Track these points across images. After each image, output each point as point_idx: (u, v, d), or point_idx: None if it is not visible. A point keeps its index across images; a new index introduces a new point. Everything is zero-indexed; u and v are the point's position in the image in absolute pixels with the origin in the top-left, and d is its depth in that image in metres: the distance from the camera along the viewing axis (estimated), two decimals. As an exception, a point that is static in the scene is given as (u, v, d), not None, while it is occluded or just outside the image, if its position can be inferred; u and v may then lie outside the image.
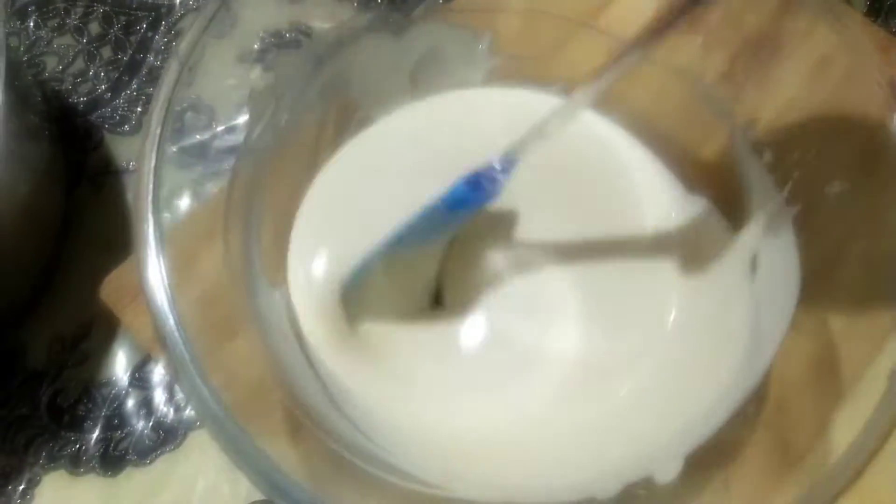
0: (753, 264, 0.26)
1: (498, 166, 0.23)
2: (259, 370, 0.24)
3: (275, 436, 0.21)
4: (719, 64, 0.30)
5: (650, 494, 0.21)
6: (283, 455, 0.19)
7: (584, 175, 0.29)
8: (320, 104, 0.28)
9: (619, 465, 0.22)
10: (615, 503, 0.21)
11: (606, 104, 0.31)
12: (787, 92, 0.29)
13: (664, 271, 0.27)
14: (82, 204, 0.33)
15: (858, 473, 0.19)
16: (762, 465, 0.24)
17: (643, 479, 0.22)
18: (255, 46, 0.30)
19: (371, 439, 0.22)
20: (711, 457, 0.23)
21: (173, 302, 0.20)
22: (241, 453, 0.18)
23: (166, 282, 0.20)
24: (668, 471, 0.21)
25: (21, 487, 0.28)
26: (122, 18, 0.37)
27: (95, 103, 0.35)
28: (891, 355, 0.22)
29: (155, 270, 0.20)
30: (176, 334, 0.20)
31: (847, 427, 0.21)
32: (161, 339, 0.20)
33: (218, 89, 0.28)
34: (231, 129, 0.28)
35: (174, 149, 0.26)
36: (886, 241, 0.26)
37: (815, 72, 0.28)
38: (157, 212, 0.20)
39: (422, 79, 0.28)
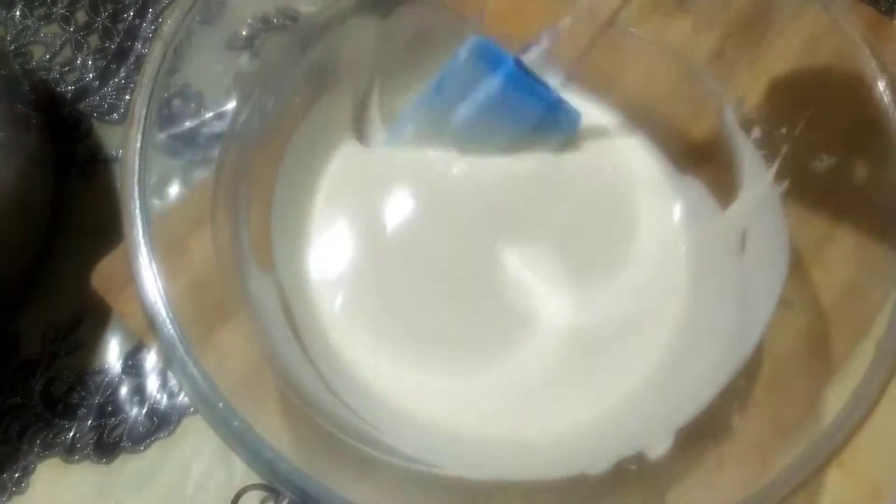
0: (743, 241, 0.26)
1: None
2: (251, 354, 0.24)
3: (268, 418, 0.21)
4: (710, 43, 0.30)
5: (641, 469, 0.21)
6: (277, 437, 0.20)
7: (576, 158, 0.29)
8: (307, 87, 0.27)
9: (610, 441, 0.22)
10: (606, 478, 0.21)
11: (598, 84, 0.31)
12: (777, 70, 0.29)
13: (655, 250, 0.27)
14: (72, 193, 0.33)
15: (846, 442, 0.19)
16: (756, 442, 0.24)
17: (634, 455, 0.22)
18: (244, 33, 0.30)
19: (362, 418, 0.22)
20: (704, 434, 0.23)
21: (163, 288, 0.20)
22: (236, 436, 0.18)
23: (155, 267, 0.20)
24: (659, 446, 0.22)
25: (16, 475, 0.28)
26: (109, 6, 0.36)
27: (83, 92, 0.35)
28: (881, 329, 0.22)
29: (143, 254, 0.20)
30: (166, 321, 0.20)
31: (838, 403, 0.21)
32: (152, 325, 0.20)
33: (206, 76, 0.28)
34: (220, 116, 0.28)
35: (163, 136, 0.26)
36: (877, 217, 0.26)
37: (804, 50, 0.28)
38: (143, 195, 0.20)
39: (411, 61, 0.28)
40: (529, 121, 0.28)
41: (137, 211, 0.20)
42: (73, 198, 0.33)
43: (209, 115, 0.28)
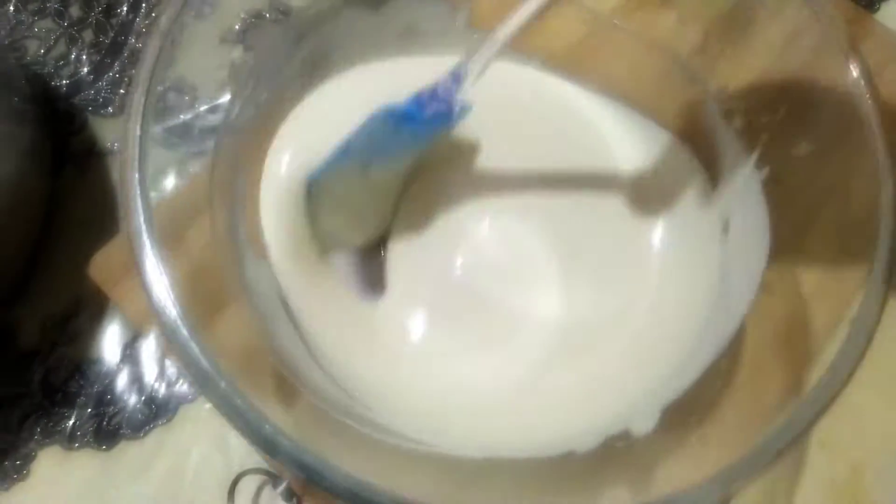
0: (726, 227, 0.27)
1: (443, 82, 0.23)
2: (248, 339, 0.24)
3: (266, 399, 0.22)
4: (694, 37, 0.31)
5: (628, 446, 0.22)
6: (275, 417, 0.20)
7: (560, 141, 0.30)
8: (300, 80, 0.28)
9: (598, 419, 0.23)
10: (594, 455, 0.22)
11: (587, 75, 0.31)
12: (760, 63, 0.30)
13: (641, 234, 0.28)
14: (68, 185, 0.33)
15: (820, 417, 0.20)
16: (738, 421, 0.25)
17: (621, 432, 0.22)
18: (237, 27, 0.31)
19: (355, 399, 0.23)
20: (689, 414, 0.24)
21: (165, 274, 0.21)
22: (239, 415, 0.19)
23: (156, 254, 0.21)
24: (645, 424, 0.22)
25: (17, 463, 0.29)
26: (103, 1, 0.37)
27: (78, 86, 0.35)
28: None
29: (145, 241, 0.20)
30: (169, 304, 0.20)
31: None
32: (153, 310, 0.20)
33: (200, 70, 0.28)
34: (214, 109, 0.29)
35: (159, 129, 0.27)
36: (855, 206, 0.27)
37: (786, 44, 0.29)
38: (143, 184, 0.21)
39: (403, 52, 0.29)
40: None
41: (139, 203, 0.20)
42: (69, 190, 0.33)
43: (204, 108, 0.29)
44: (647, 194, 0.28)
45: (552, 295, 0.26)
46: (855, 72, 0.25)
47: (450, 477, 0.21)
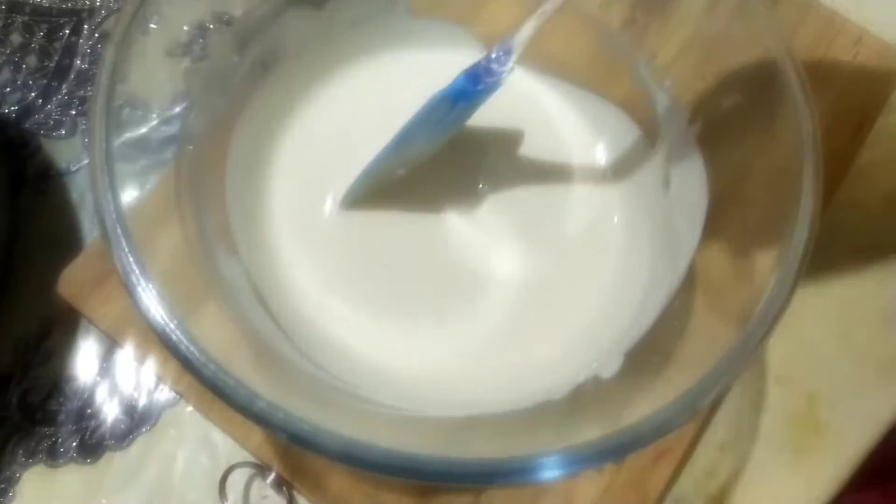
0: (667, 182, 0.29)
1: (495, 56, 0.24)
2: (225, 340, 0.25)
3: (252, 379, 0.22)
4: (622, 12, 0.33)
5: (597, 389, 0.24)
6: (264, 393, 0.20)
7: (512, 121, 0.31)
8: (250, 82, 0.29)
9: (568, 370, 0.24)
10: (568, 402, 0.23)
11: (526, 55, 0.33)
12: (684, 30, 0.32)
13: (597, 198, 0.29)
14: (27, 208, 0.33)
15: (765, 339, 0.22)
16: (695, 358, 0.26)
17: (590, 378, 0.24)
18: (182, 40, 0.32)
19: (331, 374, 0.24)
20: (651, 354, 0.26)
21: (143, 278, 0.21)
22: (231, 394, 0.19)
23: (134, 260, 0.21)
24: (610, 367, 0.24)
25: (0, 487, 0.29)
26: (44, 26, 0.37)
27: (27, 111, 0.35)
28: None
29: (123, 248, 0.21)
30: (155, 305, 0.21)
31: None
32: (139, 309, 0.21)
33: (150, 84, 0.29)
34: (167, 121, 0.29)
35: (116, 144, 0.27)
36: (782, 154, 0.29)
37: (707, 10, 0.31)
38: (115, 192, 0.21)
39: (347, 46, 0.30)
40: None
41: (113, 217, 0.21)
42: (29, 213, 0.33)
43: (157, 120, 0.30)
44: (597, 161, 0.30)
45: (515, 262, 0.28)
46: (766, 30, 0.27)
47: (435, 433, 0.22)
